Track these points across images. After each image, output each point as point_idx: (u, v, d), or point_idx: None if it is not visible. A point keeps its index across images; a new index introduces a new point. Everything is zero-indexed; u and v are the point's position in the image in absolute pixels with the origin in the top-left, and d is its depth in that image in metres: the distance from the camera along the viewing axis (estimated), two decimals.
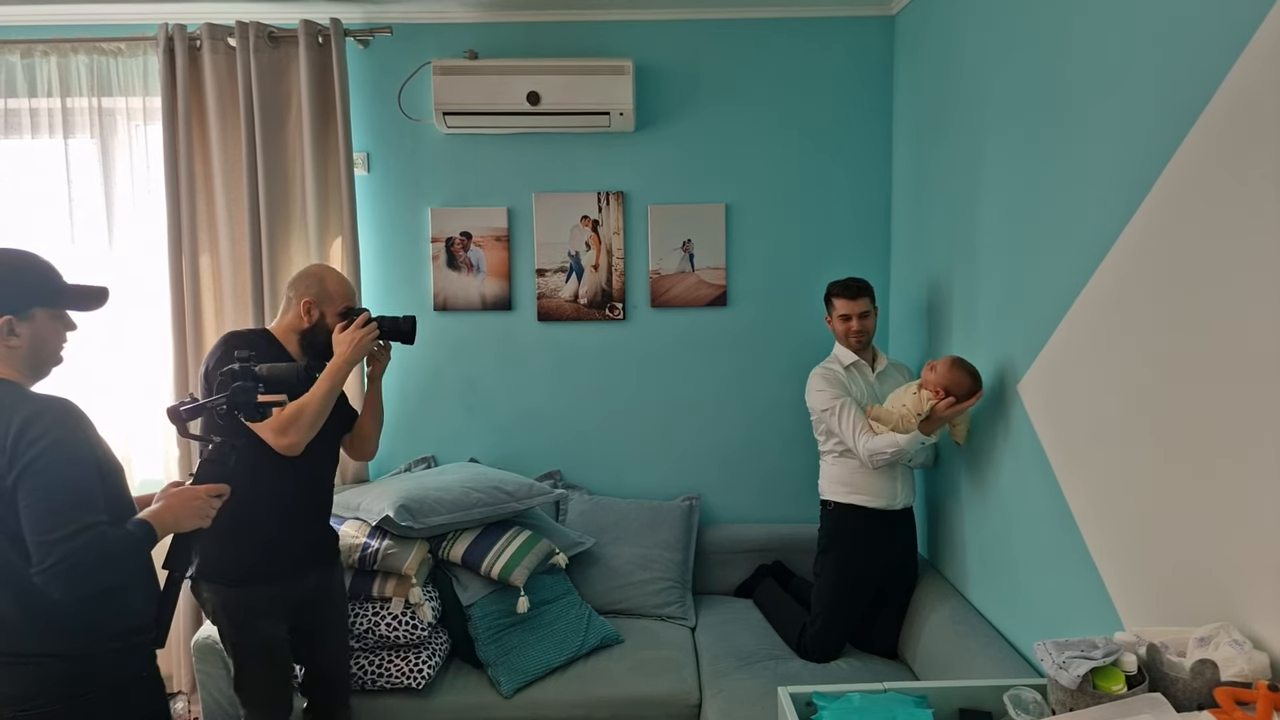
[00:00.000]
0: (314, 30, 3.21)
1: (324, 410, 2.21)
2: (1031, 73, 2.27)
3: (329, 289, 2.33)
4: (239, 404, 1.85)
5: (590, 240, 3.46)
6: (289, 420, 2.15)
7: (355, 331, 2.27)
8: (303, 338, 2.31)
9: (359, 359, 2.28)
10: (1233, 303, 1.52)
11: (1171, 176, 1.68)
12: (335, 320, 2.32)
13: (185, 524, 1.78)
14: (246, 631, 2.27)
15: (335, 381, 2.23)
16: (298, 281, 2.34)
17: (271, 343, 2.29)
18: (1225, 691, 1.36)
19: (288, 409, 2.15)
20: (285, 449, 2.17)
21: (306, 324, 2.30)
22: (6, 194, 3.29)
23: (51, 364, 1.72)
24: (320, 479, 2.39)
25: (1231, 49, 1.51)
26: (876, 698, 1.66)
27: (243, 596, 2.25)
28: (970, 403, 2.54)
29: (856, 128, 3.43)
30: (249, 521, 2.20)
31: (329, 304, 2.32)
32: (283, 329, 2.32)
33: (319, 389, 2.21)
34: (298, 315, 2.31)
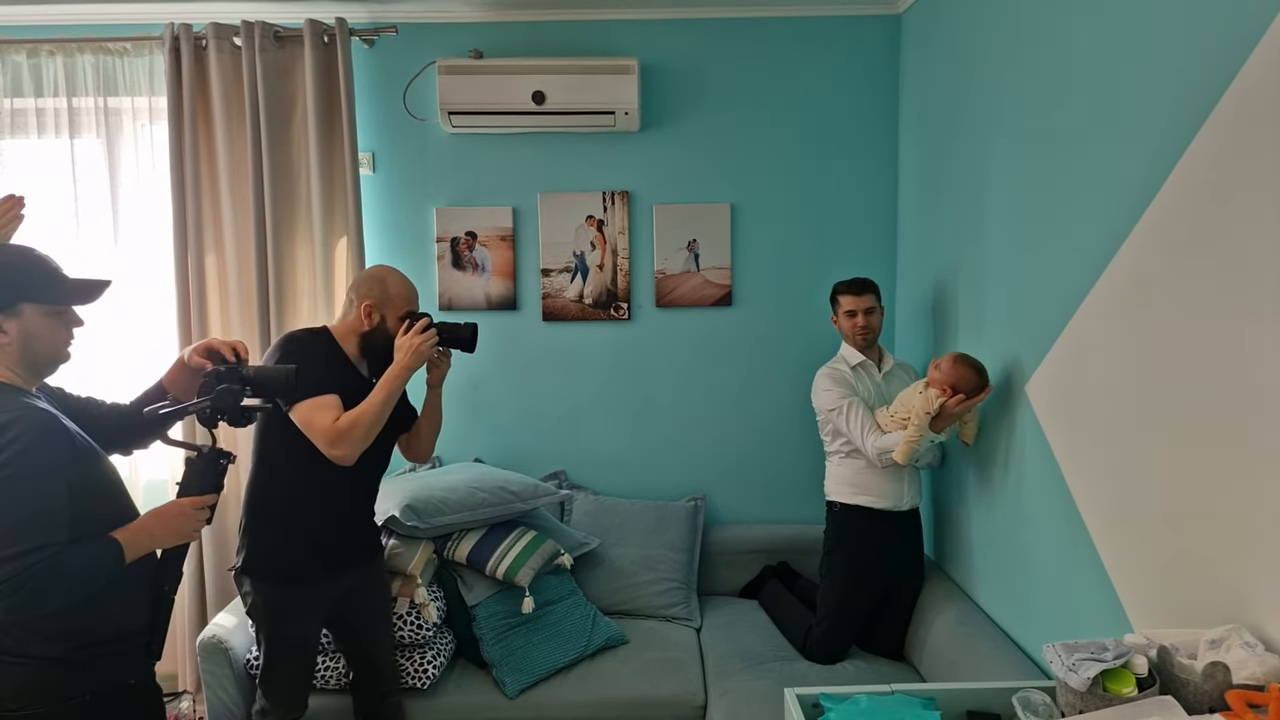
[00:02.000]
0: (319, 30, 3.21)
1: (380, 420, 2.15)
2: (1038, 71, 2.26)
3: (390, 292, 2.28)
4: (223, 408, 1.79)
5: (595, 240, 3.46)
6: (343, 430, 2.09)
7: (414, 337, 2.20)
8: (362, 340, 2.27)
9: (418, 366, 2.21)
10: (1243, 303, 1.51)
11: (1181, 176, 1.67)
12: (396, 324, 2.27)
13: (165, 541, 1.74)
14: (282, 627, 2.26)
15: (392, 390, 2.17)
16: (360, 283, 2.30)
17: (331, 343, 2.26)
18: (1237, 694, 1.34)
19: (342, 420, 2.09)
20: (338, 460, 2.11)
21: (367, 327, 2.26)
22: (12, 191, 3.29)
23: (50, 362, 1.67)
24: (373, 480, 2.37)
25: (1241, 49, 1.50)
26: (884, 699, 1.65)
27: (285, 594, 2.24)
28: (979, 398, 2.53)
29: (862, 127, 3.42)
30: (301, 522, 2.20)
31: (390, 307, 2.27)
32: (343, 330, 2.29)
33: (375, 398, 2.15)
34: (358, 318, 2.27)
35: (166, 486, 3.36)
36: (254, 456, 2.26)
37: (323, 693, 2.70)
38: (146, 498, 3.27)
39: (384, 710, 2.52)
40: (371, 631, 2.46)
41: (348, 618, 2.39)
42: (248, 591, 2.26)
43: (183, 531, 1.75)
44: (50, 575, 1.53)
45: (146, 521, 1.71)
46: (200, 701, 3.22)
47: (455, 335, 2.30)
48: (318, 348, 2.23)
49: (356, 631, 2.43)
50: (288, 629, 2.28)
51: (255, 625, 2.32)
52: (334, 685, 2.69)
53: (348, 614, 2.38)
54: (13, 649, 1.61)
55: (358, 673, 2.51)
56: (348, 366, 2.27)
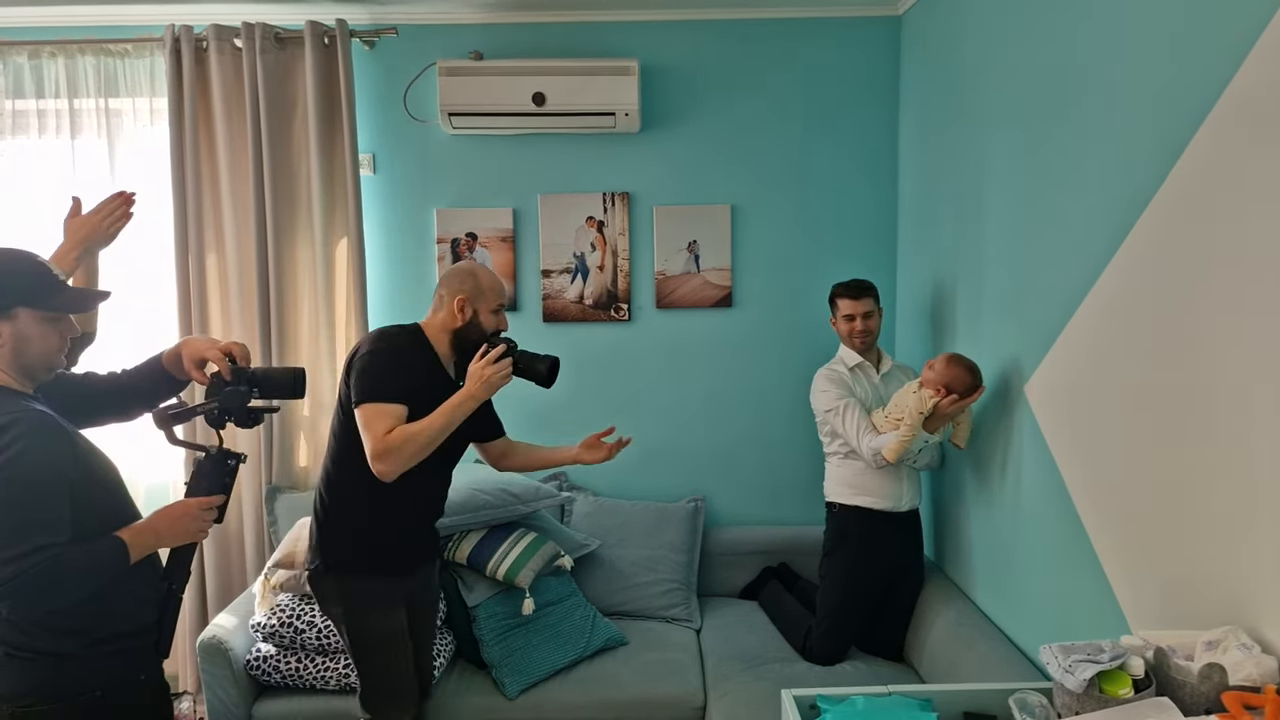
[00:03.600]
0: (320, 31, 3.21)
1: (432, 444, 2.06)
2: (1038, 72, 2.26)
3: (482, 285, 2.23)
4: (230, 409, 1.79)
5: (595, 241, 3.46)
6: (392, 446, 2.01)
7: (488, 368, 2.09)
8: (454, 337, 2.22)
9: (486, 398, 2.11)
10: (1242, 303, 1.51)
11: (1179, 177, 1.67)
12: (489, 318, 2.23)
13: (171, 541, 1.75)
14: (370, 621, 2.22)
15: (454, 418, 2.07)
16: (450, 279, 2.24)
17: (423, 341, 2.22)
18: (1233, 696, 1.35)
19: (394, 434, 2.02)
20: (379, 474, 2.03)
21: (460, 322, 2.21)
22: (14, 194, 3.30)
23: (43, 367, 1.67)
24: (445, 482, 2.35)
25: (1240, 48, 1.50)
26: (881, 700, 1.65)
27: (367, 588, 2.21)
28: (972, 399, 2.53)
29: (862, 128, 3.42)
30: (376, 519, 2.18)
31: (482, 301, 2.22)
32: (434, 328, 2.24)
33: (435, 422, 2.05)
34: (450, 314, 2.21)
35: (168, 490, 3.37)
36: (329, 454, 2.23)
37: (322, 694, 2.71)
38: (148, 501, 3.27)
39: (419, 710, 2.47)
40: (421, 633, 2.43)
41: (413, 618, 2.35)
42: (327, 592, 2.22)
43: (190, 531, 1.76)
44: (53, 575, 1.53)
45: (153, 521, 1.72)
46: (200, 702, 3.22)
47: (531, 368, 2.17)
48: (407, 346, 2.18)
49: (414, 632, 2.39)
50: (375, 622, 2.23)
51: (342, 628, 2.24)
52: (334, 686, 2.70)
53: (414, 614, 2.35)
54: (23, 645, 1.62)
55: None
56: (435, 366, 2.23)
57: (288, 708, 2.68)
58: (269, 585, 2.84)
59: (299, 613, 2.73)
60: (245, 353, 1.87)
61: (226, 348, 1.85)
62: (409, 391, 2.10)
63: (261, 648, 2.75)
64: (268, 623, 2.72)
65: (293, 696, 2.71)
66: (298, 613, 2.73)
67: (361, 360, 2.12)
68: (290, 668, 2.70)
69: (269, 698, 2.72)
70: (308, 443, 3.36)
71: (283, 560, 2.81)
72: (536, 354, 2.19)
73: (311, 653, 2.72)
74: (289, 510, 3.21)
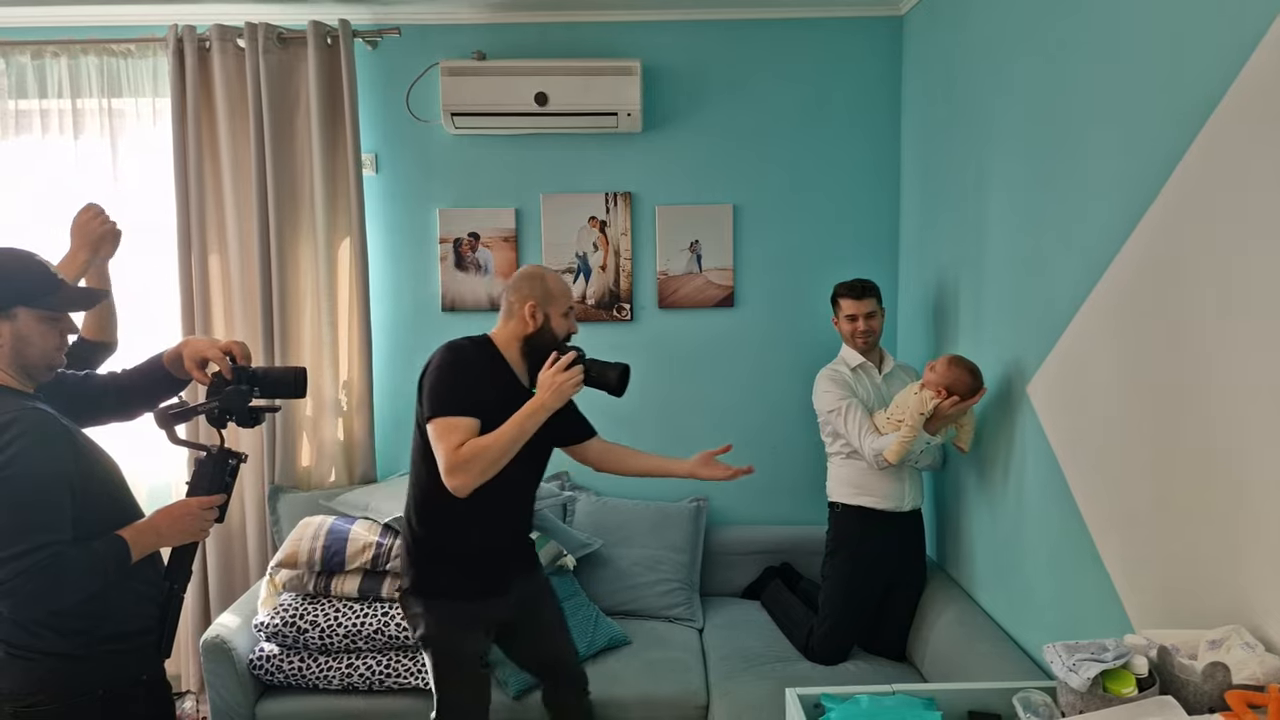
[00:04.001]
0: (323, 31, 3.22)
1: (505, 456, 2.00)
2: (1041, 72, 2.27)
3: (551, 289, 2.19)
4: (231, 408, 1.78)
5: (598, 241, 3.47)
6: (465, 459, 1.96)
7: (559, 374, 2.04)
8: (525, 344, 2.17)
9: (558, 406, 2.05)
10: (1245, 302, 1.51)
11: (1181, 178, 1.68)
12: (561, 322, 2.19)
13: (172, 540, 1.74)
14: (461, 645, 2.18)
15: (526, 428, 2.02)
16: (519, 285, 2.19)
17: (494, 353, 2.17)
18: (1237, 695, 1.35)
19: (465, 448, 1.97)
20: (453, 489, 1.98)
21: (532, 328, 2.16)
22: (17, 193, 3.31)
23: (42, 367, 1.67)
24: (531, 491, 2.29)
25: (1240, 51, 1.50)
26: (884, 700, 1.66)
27: (458, 610, 2.16)
28: (973, 400, 2.54)
29: (864, 128, 3.42)
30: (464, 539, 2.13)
31: (552, 304, 2.18)
32: (504, 337, 2.19)
33: (506, 432, 2.00)
34: (522, 321, 2.16)
35: (169, 490, 3.37)
36: (413, 473, 2.18)
37: (325, 693, 2.71)
38: (150, 500, 3.27)
39: (580, 708, 2.47)
40: (548, 635, 2.40)
41: (521, 631, 2.33)
42: (418, 613, 2.16)
43: (191, 531, 1.76)
44: (54, 573, 1.54)
45: (154, 520, 1.72)
46: (204, 701, 3.23)
47: (602, 377, 2.11)
48: (475, 358, 2.13)
49: (541, 641, 2.38)
50: (466, 646, 2.19)
51: (429, 650, 2.19)
52: (336, 686, 2.70)
53: (520, 627, 2.31)
54: (25, 645, 1.62)
55: (549, 681, 2.46)
56: (509, 377, 2.17)
57: (291, 707, 2.69)
58: (273, 585, 2.84)
59: (302, 612, 2.74)
60: (246, 352, 1.87)
61: (227, 347, 1.85)
62: (480, 403, 2.05)
63: (265, 647, 2.75)
64: (271, 622, 2.73)
65: (296, 696, 2.72)
66: (301, 612, 2.74)
67: (430, 376, 2.09)
68: (293, 667, 2.71)
69: (272, 697, 2.72)
70: (310, 443, 3.37)
71: (285, 560, 2.81)
72: (607, 362, 2.13)
73: (314, 652, 2.73)
74: (291, 510, 3.22)
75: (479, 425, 2.02)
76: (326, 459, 3.38)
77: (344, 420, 3.38)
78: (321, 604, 2.77)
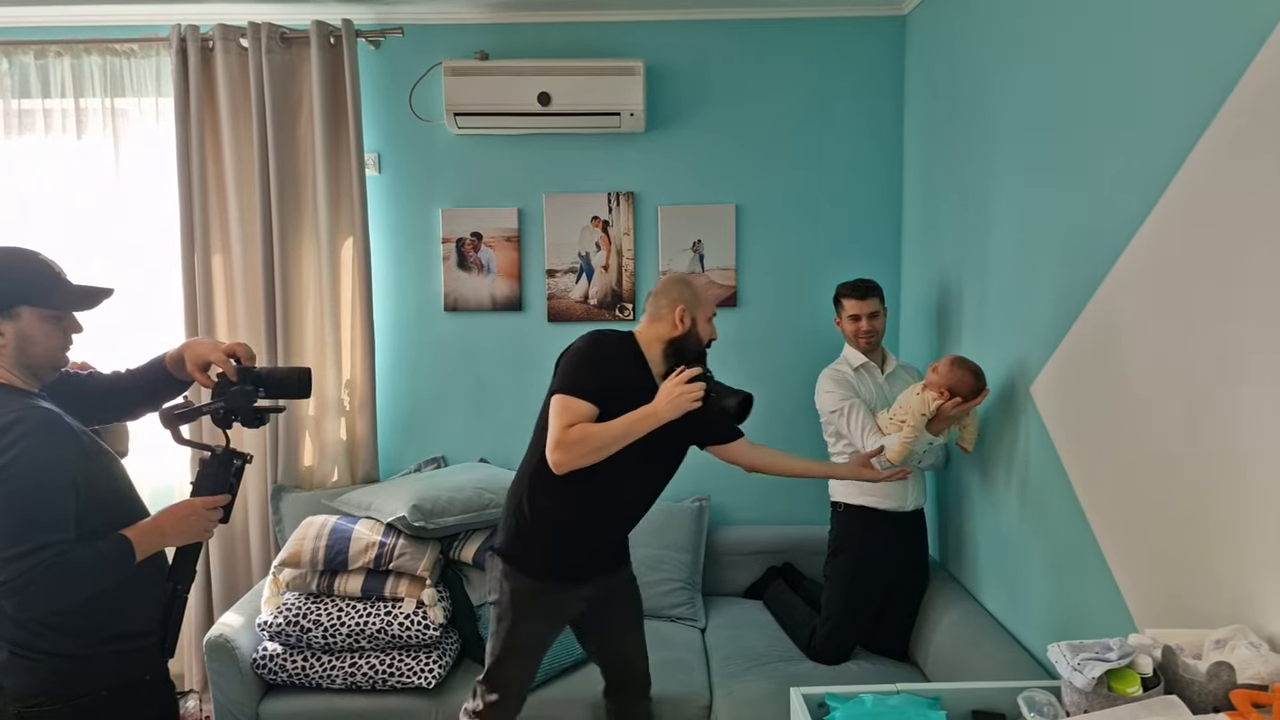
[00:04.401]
0: (326, 31, 3.22)
1: (606, 449, 2.05)
2: (1044, 72, 2.27)
3: (699, 294, 2.25)
4: (236, 409, 1.78)
5: (600, 241, 3.47)
6: (572, 440, 2.02)
7: (679, 387, 2.05)
8: (669, 346, 2.21)
9: (672, 418, 2.05)
10: (1249, 303, 1.51)
11: (1187, 176, 1.68)
12: (706, 327, 2.25)
13: (176, 540, 1.75)
14: (528, 623, 2.23)
15: (632, 430, 2.05)
16: (669, 288, 2.25)
17: (634, 347, 2.22)
18: (1241, 694, 1.35)
19: (574, 430, 2.02)
20: (553, 465, 2.04)
21: (680, 330, 2.20)
22: (20, 192, 3.31)
23: (46, 366, 1.68)
24: (651, 491, 2.31)
25: (1246, 51, 1.51)
26: (889, 699, 1.66)
27: (540, 589, 2.21)
28: (975, 402, 2.54)
29: (867, 128, 3.42)
30: (571, 523, 2.18)
31: (700, 309, 2.24)
32: (648, 337, 2.23)
33: (613, 428, 2.04)
34: (671, 324, 2.21)
35: (172, 491, 3.36)
36: (532, 443, 2.23)
37: (328, 692, 2.72)
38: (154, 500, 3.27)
39: (639, 710, 2.50)
40: (625, 634, 2.44)
41: (600, 623, 2.37)
42: (499, 577, 2.23)
43: (195, 531, 1.76)
44: (59, 572, 1.54)
45: (159, 520, 1.72)
46: (207, 700, 3.23)
47: (721, 399, 2.08)
48: (616, 349, 2.18)
49: (609, 635, 2.41)
50: (532, 626, 2.24)
51: (498, 614, 2.24)
52: (340, 685, 2.71)
53: (600, 620, 2.36)
54: (29, 645, 1.63)
55: (612, 677, 2.49)
56: (645, 374, 2.21)
57: (294, 706, 2.69)
58: (276, 584, 2.85)
59: (305, 612, 2.74)
60: (250, 353, 1.87)
61: (230, 349, 1.84)
62: (605, 392, 2.09)
63: (268, 646, 2.75)
64: (274, 621, 2.73)
65: (299, 695, 2.72)
66: (304, 612, 2.74)
67: (571, 356, 2.16)
68: (296, 666, 2.71)
69: (275, 696, 2.72)
70: (313, 442, 3.37)
71: (289, 559, 2.81)
72: (731, 387, 2.10)
73: (318, 651, 2.73)
74: (294, 509, 3.22)
75: (596, 412, 2.07)
76: (329, 459, 3.38)
77: (346, 420, 3.39)
78: (325, 603, 2.77)
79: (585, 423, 2.04)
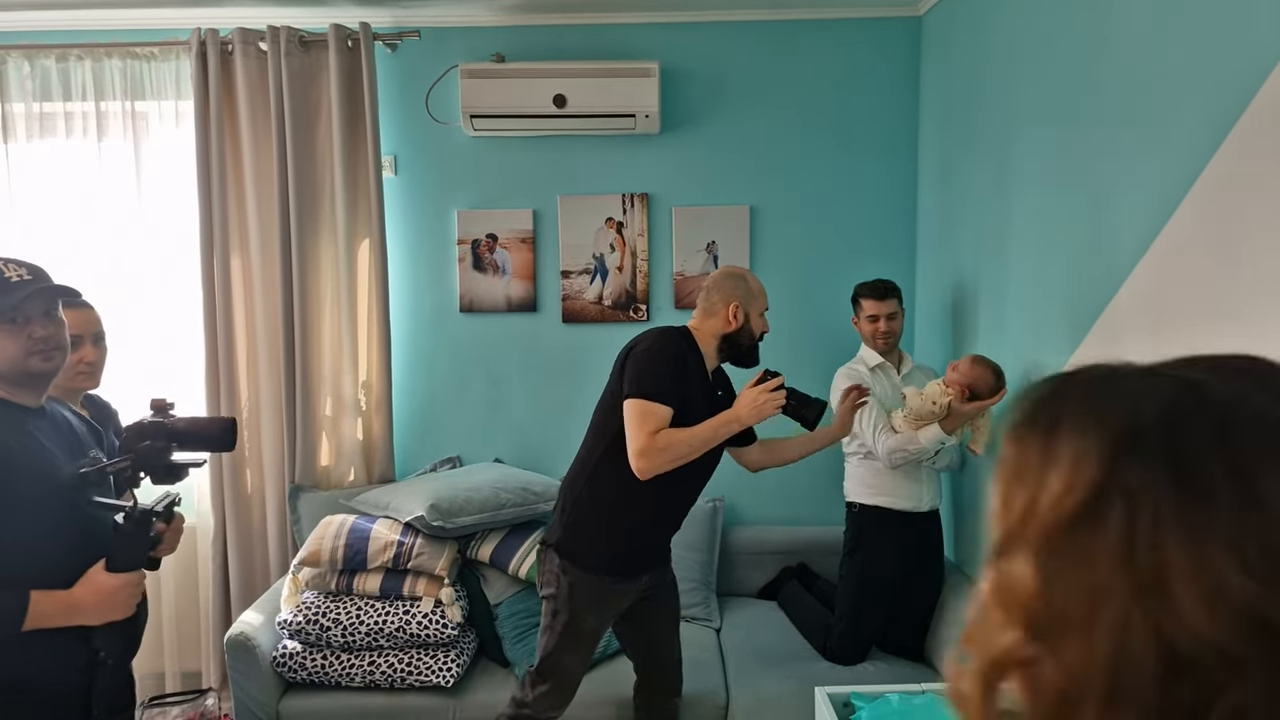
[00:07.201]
0: (343, 34, 3.24)
1: (692, 454, 2.11)
2: (1060, 74, 2.27)
3: (752, 289, 2.30)
4: (147, 466, 1.64)
5: (615, 242, 3.48)
6: (659, 447, 2.06)
7: (762, 394, 2.13)
8: (724, 341, 2.27)
9: (753, 423, 2.16)
10: (1269, 308, 1.52)
11: (1208, 180, 1.68)
12: (759, 321, 2.30)
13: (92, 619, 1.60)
14: (587, 617, 2.27)
15: (718, 435, 2.13)
16: (721, 284, 2.29)
17: (695, 345, 2.26)
18: None
19: (661, 436, 2.06)
20: (637, 470, 2.09)
21: (734, 326, 2.26)
22: (40, 195, 3.34)
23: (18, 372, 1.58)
24: (697, 492, 2.36)
25: (1270, 53, 1.51)
26: (914, 699, 1.67)
27: (600, 583, 2.25)
28: (992, 401, 2.54)
29: (882, 129, 3.43)
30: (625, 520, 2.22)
31: (754, 304, 2.29)
32: (704, 333, 2.28)
33: (700, 433, 2.10)
34: (724, 319, 2.26)
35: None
36: (593, 435, 2.27)
37: (348, 690, 2.74)
38: None
39: (666, 709, 2.53)
40: (663, 632, 2.47)
41: (640, 619, 2.40)
42: (557, 571, 2.25)
43: (115, 610, 1.61)
44: None
45: (75, 595, 1.58)
46: (226, 698, 3.25)
47: (800, 408, 2.20)
48: (681, 347, 2.22)
49: (649, 632, 2.44)
50: (590, 620, 2.28)
51: (554, 608, 2.27)
52: (359, 683, 2.73)
53: (641, 615, 2.39)
54: None
55: (644, 673, 2.52)
56: (703, 371, 2.27)
57: (314, 704, 2.71)
58: (295, 583, 2.87)
59: (324, 610, 2.76)
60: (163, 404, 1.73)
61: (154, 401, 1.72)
62: (682, 395, 2.14)
63: (288, 644, 2.77)
64: (294, 620, 2.75)
65: (319, 693, 2.74)
66: (323, 610, 2.76)
67: (643, 356, 2.17)
68: (316, 664, 2.73)
69: (295, 694, 2.74)
70: (330, 442, 3.39)
71: (308, 558, 2.83)
72: (808, 395, 2.21)
73: (337, 650, 2.75)
74: (311, 509, 3.24)
75: (672, 415, 2.10)
76: (346, 458, 3.40)
77: (363, 420, 3.41)
78: (344, 602, 2.79)
79: (668, 429, 2.08)
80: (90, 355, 2.04)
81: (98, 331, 2.09)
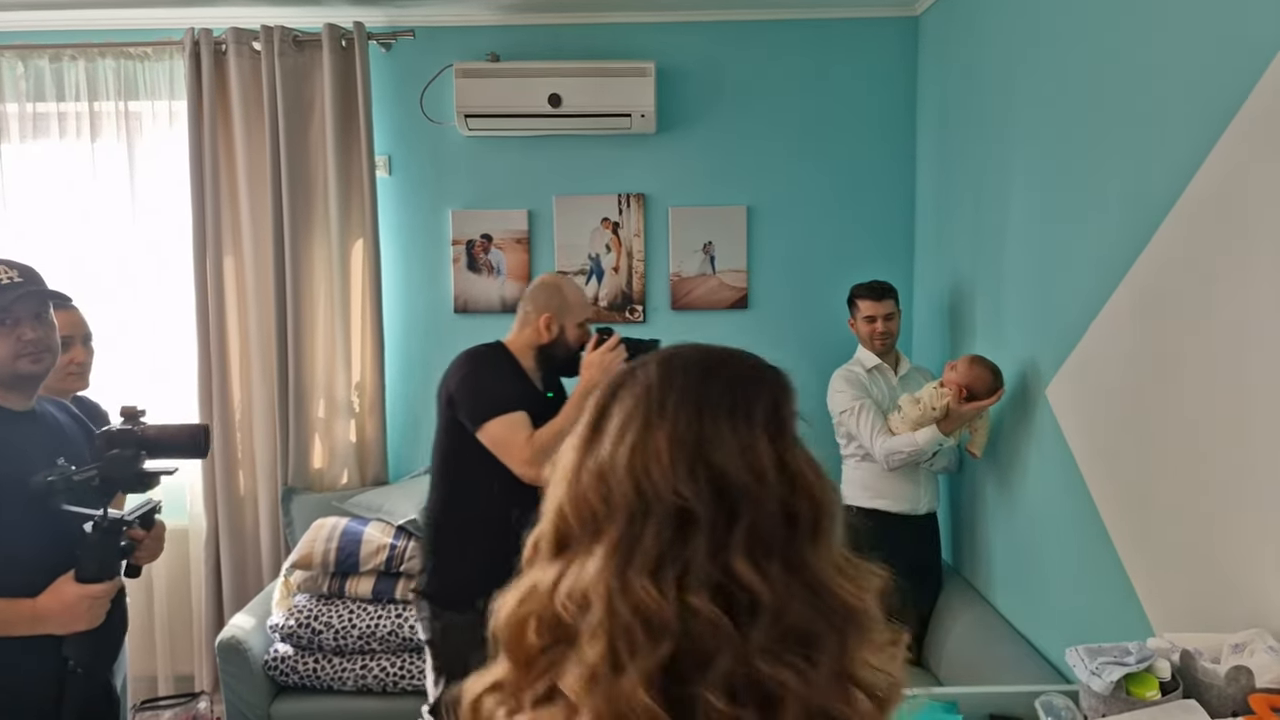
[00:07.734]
0: (337, 34, 3.23)
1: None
2: (1057, 74, 2.25)
3: (569, 300, 2.24)
4: (114, 477, 1.60)
5: (611, 243, 3.47)
6: (546, 446, 1.99)
7: (605, 354, 2.14)
8: (540, 353, 2.23)
9: None
10: (1267, 307, 1.50)
11: (1204, 179, 1.66)
12: (575, 332, 2.24)
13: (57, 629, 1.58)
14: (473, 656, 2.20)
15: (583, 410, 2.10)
16: (535, 294, 2.25)
17: (510, 358, 2.22)
18: (1261, 698, 1.34)
19: (540, 434, 2.02)
20: (533, 479, 2.01)
21: (547, 339, 2.22)
22: (34, 196, 3.33)
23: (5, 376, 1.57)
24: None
25: (1264, 53, 1.49)
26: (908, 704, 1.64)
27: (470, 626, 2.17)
28: (990, 401, 2.52)
29: (880, 129, 3.41)
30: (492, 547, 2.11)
31: (569, 316, 2.23)
32: (520, 345, 2.24)
33: (568, 417, 2.06)
34: (536, 330, 2.22)
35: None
36: (438, 478, 2.20)
37: (339, 694, 2.72)
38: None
39: None
40: None
41: None
42: (430, 618, 2.17)
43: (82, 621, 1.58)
44: None
45: (41, 602, 1.56)
46: (218, 701, 3.23)
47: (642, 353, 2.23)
48: (500, 363, 2.19)
49: None
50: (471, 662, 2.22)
51: (437, 655, 2.20)
52: (351, 687, 2.71)
53: None
54: None
55: None
56: (526, 382, 2.23)
57: (306, 708, 2.70)
58: (287, 586, 2.85)
59: (316, 613, 2.74)
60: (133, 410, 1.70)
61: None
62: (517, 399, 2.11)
63: (279, 648, 2.76)
64: (286, 623, 2.73)
65: (311, 696, 2.73)
66: (315, 613, 2.74)
67: (466, 383, 2.12)
68: (308, 668, 2.72)
69: (286, 698, 2.73)
70: (323, 444, 3.37)
71: (300, 561, 2.82)
72: (641, 339, 2.21)
73: (329, 653, 2.73)
74: (304, 511, 3.22)
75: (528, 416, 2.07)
76: (339, 460, 3.38)
77: (356, 422, 3.39)
78: (336, 605, 2.77)
79: (537, 430, 2.04)
80: (80, 356, 2.07)
81: (87, 333, 2.10)
